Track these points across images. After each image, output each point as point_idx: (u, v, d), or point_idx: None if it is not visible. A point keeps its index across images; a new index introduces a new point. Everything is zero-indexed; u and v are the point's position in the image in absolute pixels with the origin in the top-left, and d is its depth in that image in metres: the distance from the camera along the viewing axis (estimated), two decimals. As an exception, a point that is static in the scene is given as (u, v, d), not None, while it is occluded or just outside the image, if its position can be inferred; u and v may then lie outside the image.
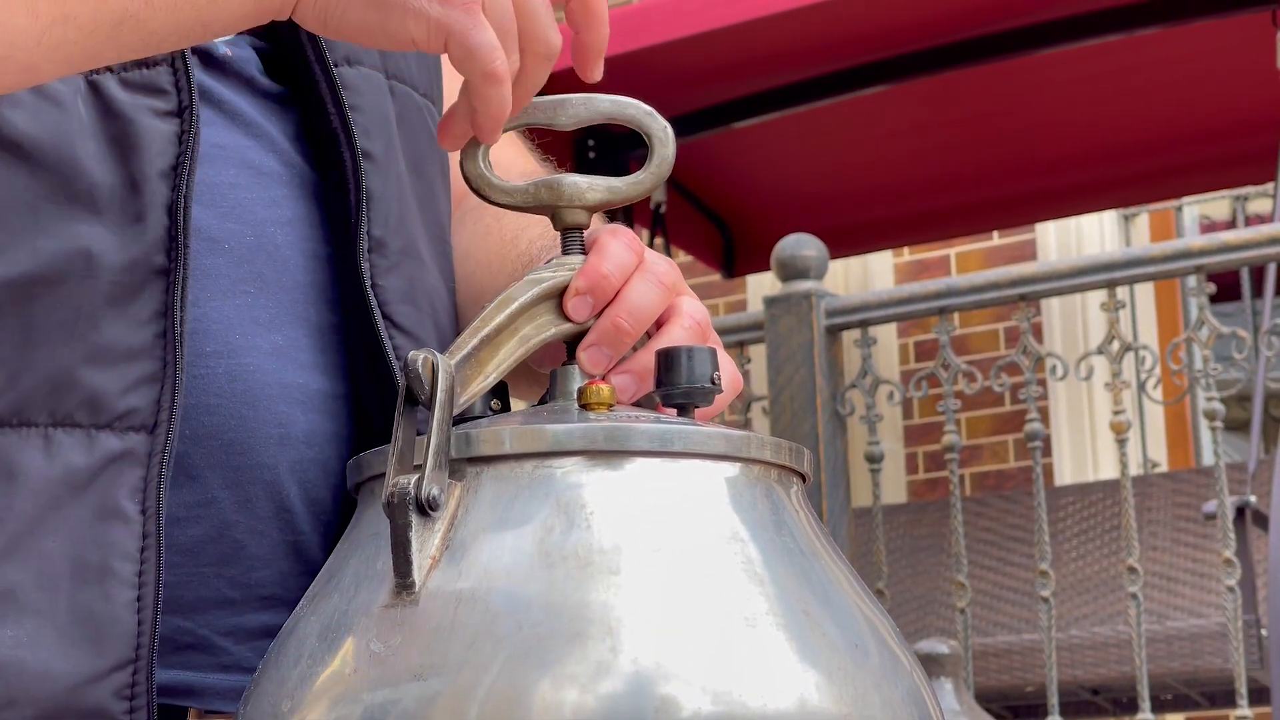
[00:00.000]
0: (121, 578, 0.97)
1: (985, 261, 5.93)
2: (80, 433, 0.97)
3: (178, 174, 1.01)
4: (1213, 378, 3.94)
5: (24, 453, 0.95)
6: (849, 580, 0.88)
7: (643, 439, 0.85)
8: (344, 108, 1.11)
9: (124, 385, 0.98)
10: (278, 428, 1.04)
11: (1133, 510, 4.00)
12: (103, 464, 0.97)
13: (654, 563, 0.82)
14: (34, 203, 0.97)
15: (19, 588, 0.94)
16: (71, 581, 0.95)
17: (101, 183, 0.99)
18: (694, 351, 0.92)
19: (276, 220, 1.08)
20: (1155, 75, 5.03)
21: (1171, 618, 4.38)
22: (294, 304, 1.08)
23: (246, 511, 1.04)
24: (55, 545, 0.95)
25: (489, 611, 0.80)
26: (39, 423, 0.96)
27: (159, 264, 1.00)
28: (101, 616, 0.96)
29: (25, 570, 0.94)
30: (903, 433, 6.01)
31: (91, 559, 0.96)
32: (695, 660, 0.80)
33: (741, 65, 4.85)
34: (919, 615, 4.72)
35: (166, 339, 0.99)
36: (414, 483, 0.83)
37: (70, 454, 0.96)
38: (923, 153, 5.48)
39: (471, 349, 0.90)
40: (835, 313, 4.20)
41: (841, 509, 4.15)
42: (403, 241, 1.12)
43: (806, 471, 0.92)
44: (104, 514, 0.97)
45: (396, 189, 1.13)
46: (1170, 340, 4.51)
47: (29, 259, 0.96)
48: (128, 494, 0.97)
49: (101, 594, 0.96)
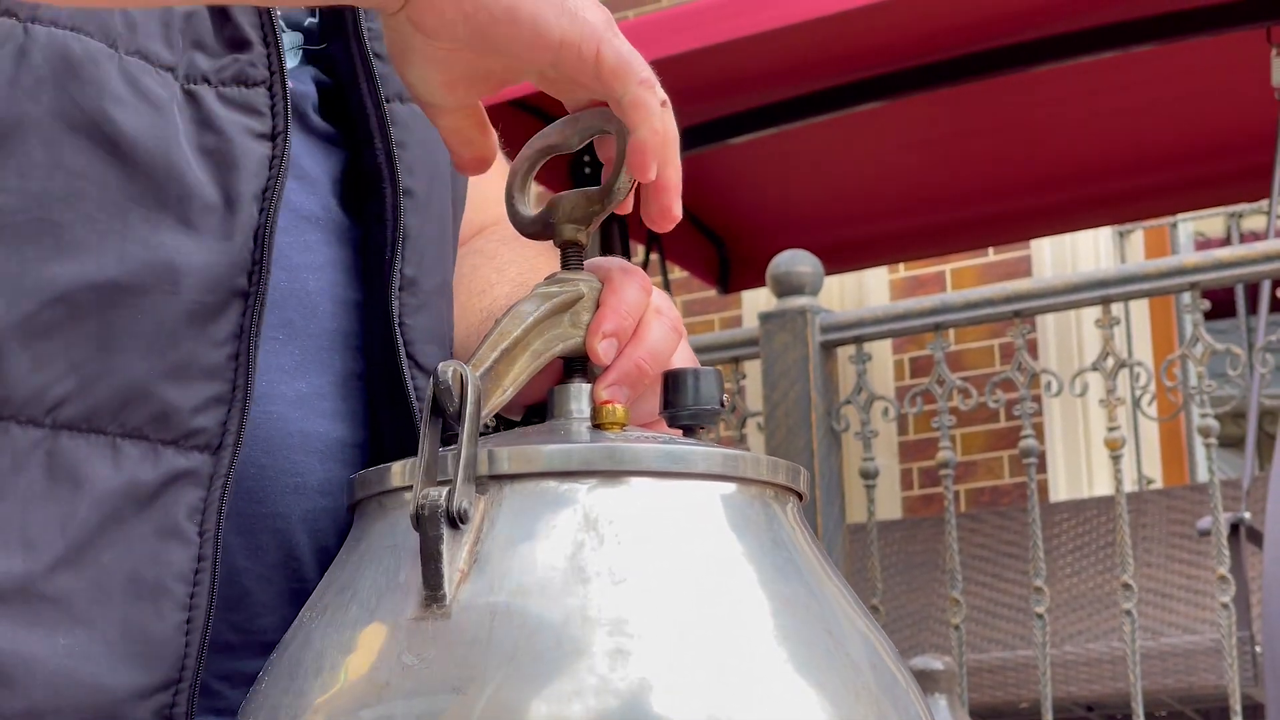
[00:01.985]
0: (174, 598, 0.96)
1: (980, 278, 5.94)
2: (147, 446, 0.96)
3: (266, 198, 1.01)
4: (1207, 394, 3.94)
5: (91, 461, 0.95)
6: (849, 598, 0.88)
7: (664, 460, 0.86)
8: (390, 144, 1.10)
9: (195, 404, 0.97)
10: (294, 477, 1.03)
11: (1127, 527, 4.00)
12: (167, 481, 0.97)
13: (687, 580, 0.83)
14: (125, 205, 0.96)
15: (75, 597, 0.93)
16: (125, 597, 0.95)
17: (196, 194, 0.98)
18: (701, 374, 0.93)
19: (309, 266, 1.07)
20: (1150, 92, 5.04)
21: (1166, 634, 4.38)
22: (320, 351, 1.07)
23: (255, 559, 1.03)
24: (113, 558, 0.95)
25: (526, 626, 0.80)
26: (109, 431, 0.96)
27: (240, 286, 0.99)
28: (151, 635, 0.95)
29: (82, 580, 0.94)
30: (897, 449, 6.01)
31: (147, 576, 0.95)
32: (735, 678, 0.81)
33: (737, 81, 4.86)
34: (914, 631, 4.72)
35: (239, 362, 0.99)
36: (445, 495, 0.83)
37: (137, 467, 0.96)
38: (918, 169, 5.49)
39: (492, 363, 0.91)
40: (830, 329, 4.21)
41: (836, 525, 4.15)
42: (436, 281, 1.12)
43: (804, 490, 0.93)
44: (163, 532, 0.96)
45: (436, 228, 1.13)
46: (1165, 357, 4.52)
47: (115, 265, 0.96)
48: (187, 514, 0.97)
49: (155, 612, 0.95)
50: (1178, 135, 5.22)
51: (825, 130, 5.10)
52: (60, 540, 0.94)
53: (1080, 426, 5.75)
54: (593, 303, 0.98)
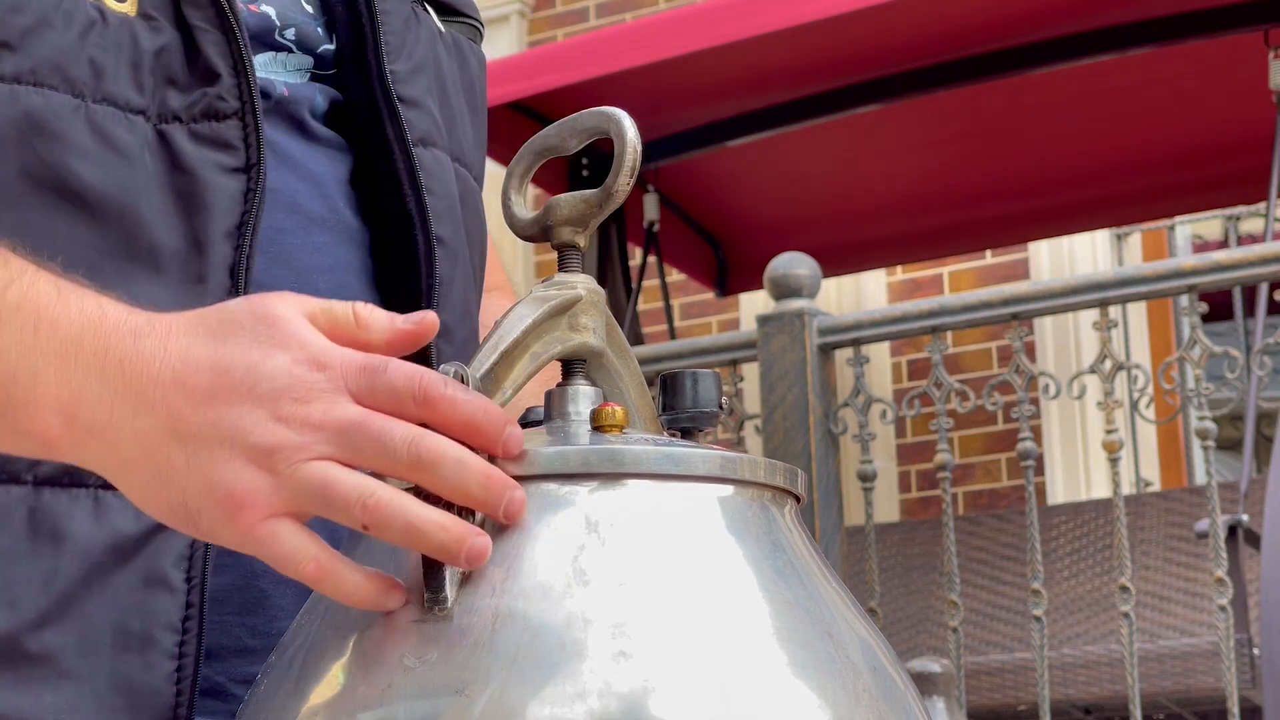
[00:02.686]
0: (163, 648, 0.96)
1: (978, 280, 5.94)
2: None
3: (241, 234, 1.01)
4: (1205, 397, 3.94)
5: (73, 515, 0.95)
6: (847, 601, 0.89)
7: (664, 463, 0.87)
8: (421, 192, 1.10)
9: None
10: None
11: (1125, 529, 4.00)
12: (149, 530, 0.97)
13: (692, 583, 0.83)
14: (95, 260, 0.96)
15: (61, 653, 0.94)
16: (113, 649, 0.95)
17: (165, 242, 0.98)
18: (699, 376, 0.93)
19: (318, 267, 1.07)
20: (1148, 95, 5.04)
21: (1164, 637, 4.38)
22: None
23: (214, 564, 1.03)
24: (98, 611, 0.95)
25: (529, 629, 0.80)
26: (90, 484, 0.96)
27: None
28: (141, 687, 0.95)
29: (67, 635, 0.94)
30: (895, 451, 6.01)
31: (134, 627, 0.96)
32: (741, 680, 0.81)
33: (734, 84, 4.86)
34: (912, 634, 4.72)
35: None
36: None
37: (118, 519, 0.96)
38: (915, 172, 5.49)
39: (492, 365, 0.91)
40: (828, 331, 4.21)
41: (834, 528, 4.15)
42: (467, 331, 1.13)
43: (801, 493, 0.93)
44: (149, 581, 0.96)
45: (464, 275, 1.13)
46: (1163, 359, 4.52)
47: None
48: (173, 562, 0.97)
49: (143, 663, 0.96)
50: (1175, 138, 5.22)
51: (822, 133, 5.10)
52: (43, 596, 0.94)
53: (1078, 429, 5.75)
54: (590, 304, 0.98)
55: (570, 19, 6.61)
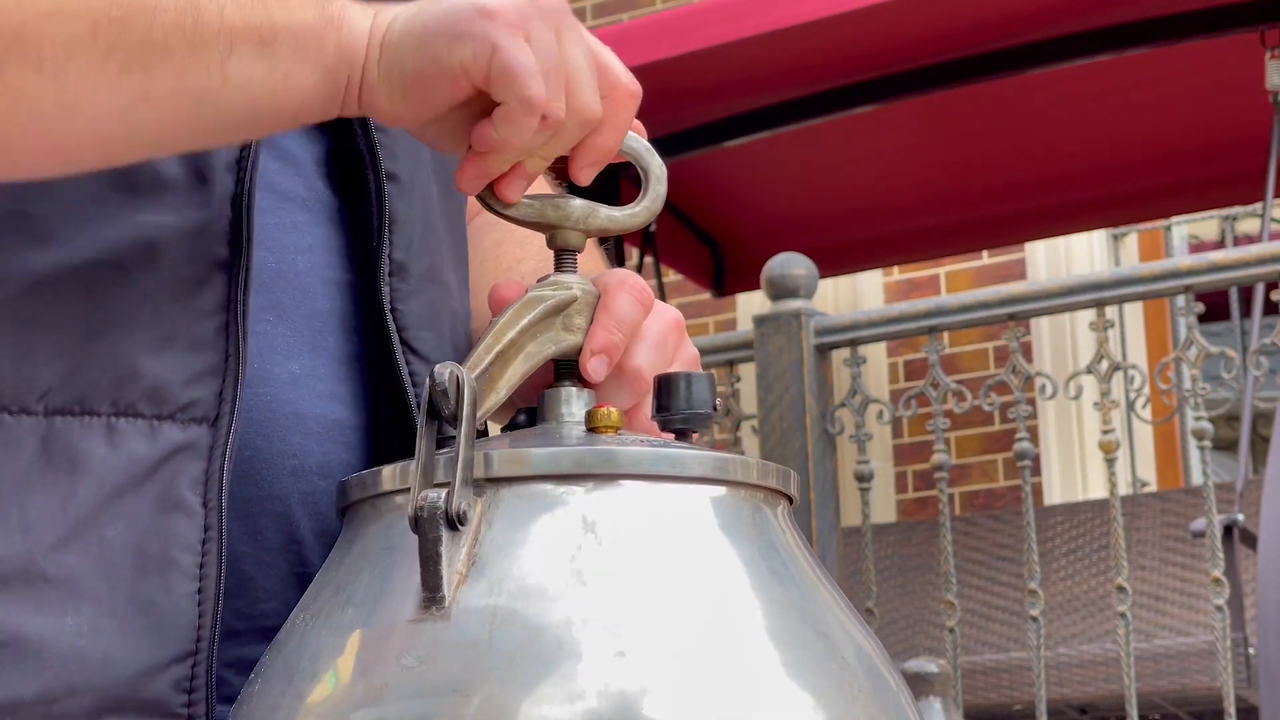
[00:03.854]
0: (183, 569, 0.96)
1: (975, 281, 5.94)
2: (143, 423, 0.97)
3: (241, 166, 1.01)
4: (1201, 397, 3.95)
5: (87, 441, 0.95)
6: (840, 602, 0.89)
7: (660, 464, 0.87)
8: (370, 129, 1.10)
9: (186, 377, 0.98)
10: (291, 459, 1.03)
11: (1121, 529, 4.01)
12: (165, 455, 0.97)
13: (690, 582, 0.84)
14: (98, 190, 0.97)
15: (80, 576, 0.94)
16: (132, 571, 0.95)
17: (167, 172, 0.99)
18: (693, 378, 0.94)
19: (297, 247, 1.08)
20: (1144, 95, 5.04)
21: (1160, 636, 4.39)
22: (313, 332, 1.07)
23: (255, 543, 1.03)
24: (116, 534, 0.95)
25: (528, 629, 0.81)
26: (102, 412, 0.96)
27: (222, 256, 1.00)
28: (162, 607, 0.95)
29: (86, 558, 0.94)
30: (892, 452, 6.01)
31: (153, 549, 0.96)
32: (740, 678, 0.81)
33: (731, 84, 4.86)
34: (908, 634, 4.72)
35: (229, 332, 0.99)
36: (444, 497, 0.83)
37: (134, 443, 0.96)
38: (912, 172, 5.49)
39: (487, 365, 0.91)
40: (825, 332, 4.21)
41: (831, 528, 4.15)
42: (425, 265, 1.12)
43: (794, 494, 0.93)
44: (166, 505, 0.97)
45: (422, 212, 1.13)
46: (1159, 360, 4.53)
47: (92, 247, 0.96)
48: (189, 486, 0.97)
49: (163, 585, 0.96)
50: (1172, 138, 5.22)
51: (819, 133, 5.10)
52: (61, 520, 0.94)
53: (1074, 429, 5.75)
54: (585, 306, 0.98)
55: (567, 19, 6.61)
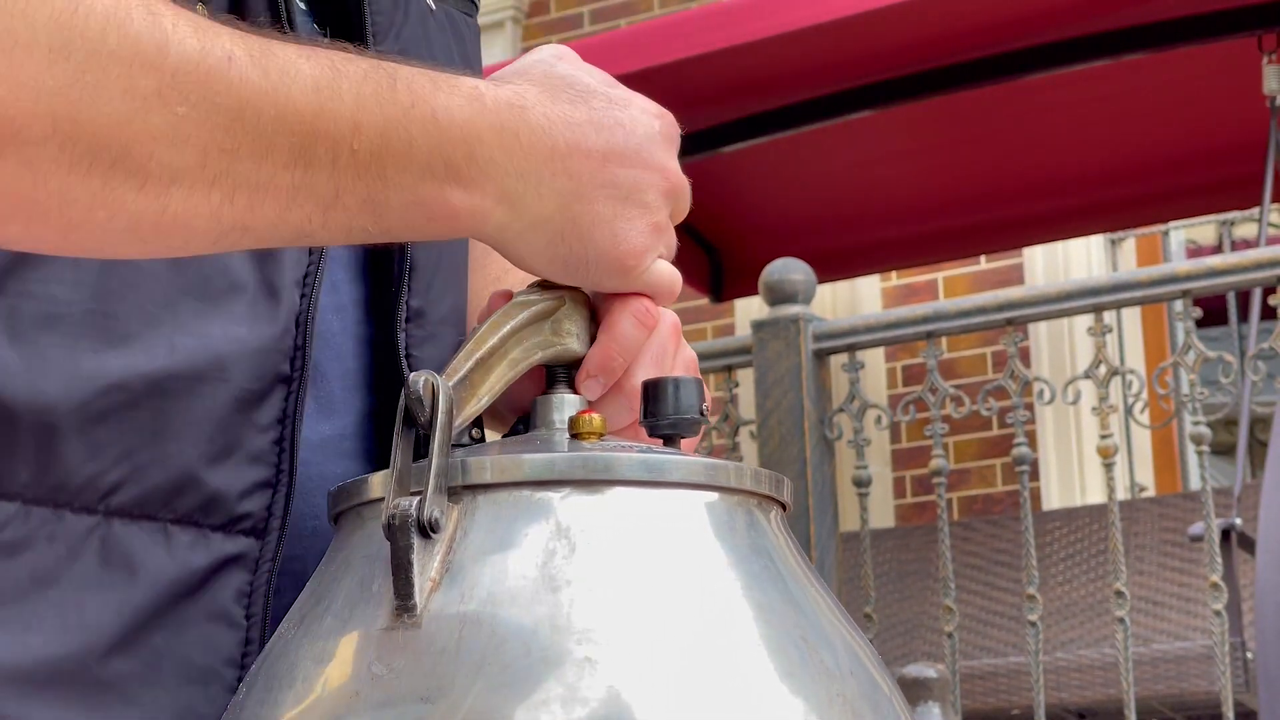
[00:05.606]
0: (224, 681, 0.97)
1: (973, 286, 5.95)
2: (197, 532, 0.98)
3: (307, 284, 1.02)
4: (1199, 402, 3.95)
5: (145, 547, 0.96)
6: (831, 606, 0.88)
7: (639, 469, 0.86)
8: None
9: (242, 489, 0.99)
10: (313, 520, 1.04)
11: (1119, 534, 4.01)
12: (216, 565, 0.98)
13: (659, 589, 0.83)
14: (175, 296, 0.98)
15: (128, 681, 0.94)
16: (177, 680, 0.96)
17: (242, 284, 1.00)
18: (681, 383, 0.93)
19: (334, 306, 1.08)
20: (1142, 101, 5.05)
21: (1158, 641, 4.39)
22: (345, 391, 1.08)
23: (274, 601, 1.03)
24: (165, 642, 0.96)
25: (495, 635, 0.80)
26: (160, 518, 0.97)
27: (283, 371, 1.01)
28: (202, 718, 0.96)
29: (135, 664, 0.95)
30: (890, 457, 6.01)
31: (197, 660, 0.97)
32: (708, 686, 0.81)
33: (728, 90, 4.86)
34: (906, 639, 4.72)
35: (283, 446, 1.00)
36: (415, 504, 0.83)
37: (188, 553, 0.97)
38: (910, 177, 5.50)
39: (466, 372, 0.91)
40: (823, 337, 4.21)
41: (829, 533, 4.15)
42: (445, 309, 1.12)
43: (787, 500, 0.92)
44: (213, 616, 0.97)
45: (442, 255, 1.13)
46: (1157, 364, 4.53)
47: (166, 356, 0.97)
48: (234, 598, 0.98)
49: (204, 696, 0.96)
50: (1169, 143, 5.23)
51: (818, 138, 5.10)
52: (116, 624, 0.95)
53: (1073, 434, 5.75)
54: (574, 311, 0.98)
55: (565, 25, 6.62)
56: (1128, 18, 4.61)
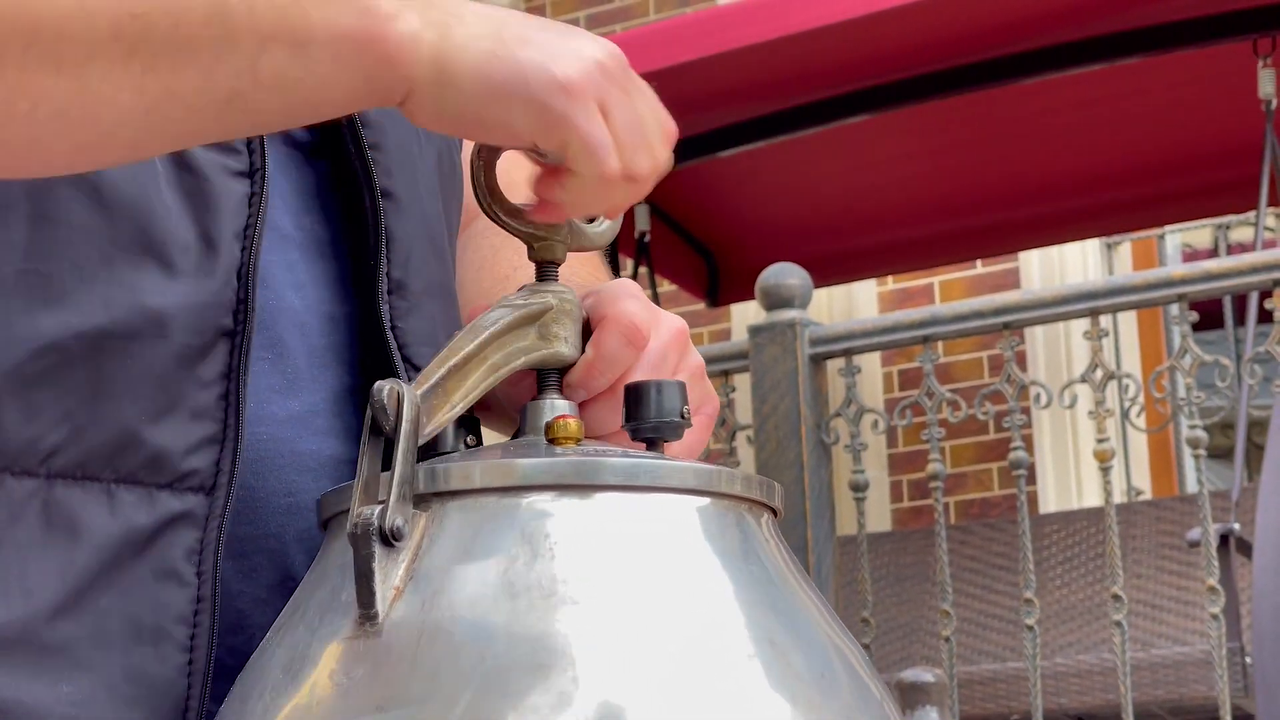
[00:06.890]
0: (175, 641, 0.96)
1: (969, 290, 5.94)
2: (142, 491, 0.97)
3: (247, 236, 1.01)
4: (1196, 405, 3.95)
5: (87, 508, 0.95)
6: (819, 609, 0.88)
7: (609, 474, 0.86)
8: (364, 148, 1.09)
9: (186, 446, 0.98)
10: (287, 497, 1.03)
11: (1117, 538, 4.00)
12: (162, 524, 0.97)
13: (618, 594, 0.82)
14: (109, 252, 0.97)
15: (76, 644, 0.94)
16: (126, 641, 0.95)
17: (177, 238, 0.99)
18: (663, 386, 0.92)
19: (293, 283, 1.07)
20: (1137, 104, 5.05)
21: (1156, 645, 4.38)
22: (311, 368, 1.07)
23: (250, 581, 1.03)
24: (112, 603, 0.95)
25: (452, 643, 0.80)
26: (103, 478, 0.96)
27: (225, 325, 1.00)
28: (154, 678, 0.95)
29: (82, 626, 0.94)
30: (887, 461, 6.01)
31: (147, 620, 0.96)
32: (658, 691, 0.80)
33: (725, 95, 4.86)
34: (904, 644, 4.72)
35: (228, 401, 0.99)
36: (378, 513, 0.83)
37: (133, 512, 0.96)
38: (906, 182, 5.50)
39: (439, 379, 0.90)
40: (819, 341, 4.21)
41: (826, 538, 4.15)
42: (426, 281, 1.11)
43: (778, 505, 0.92)
44: (161, 575, 0.97)
45: (421, 227, 1.12)
46: (1153, 368, 4.53)
47: (102, 312, 0.96)
48: (184, 556, 0.97)
49: (155, 656, 0.96)
50: (1165, 147, 5.23)
51: (814, 143, 5.10)
52: (60, 587, 0.94)
53: (1069, 438, 5.75)
54: (564, 314, 0.97)
55: (561, 30, 6.61)
56: (1123, 22, 4.61)
